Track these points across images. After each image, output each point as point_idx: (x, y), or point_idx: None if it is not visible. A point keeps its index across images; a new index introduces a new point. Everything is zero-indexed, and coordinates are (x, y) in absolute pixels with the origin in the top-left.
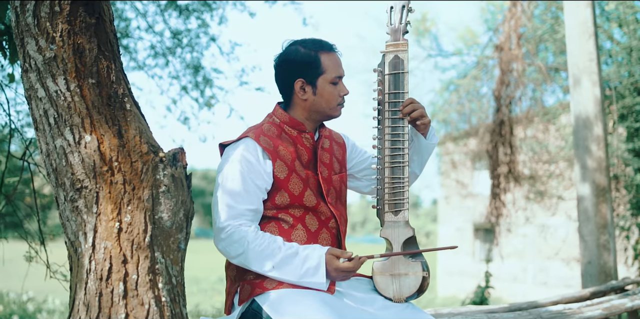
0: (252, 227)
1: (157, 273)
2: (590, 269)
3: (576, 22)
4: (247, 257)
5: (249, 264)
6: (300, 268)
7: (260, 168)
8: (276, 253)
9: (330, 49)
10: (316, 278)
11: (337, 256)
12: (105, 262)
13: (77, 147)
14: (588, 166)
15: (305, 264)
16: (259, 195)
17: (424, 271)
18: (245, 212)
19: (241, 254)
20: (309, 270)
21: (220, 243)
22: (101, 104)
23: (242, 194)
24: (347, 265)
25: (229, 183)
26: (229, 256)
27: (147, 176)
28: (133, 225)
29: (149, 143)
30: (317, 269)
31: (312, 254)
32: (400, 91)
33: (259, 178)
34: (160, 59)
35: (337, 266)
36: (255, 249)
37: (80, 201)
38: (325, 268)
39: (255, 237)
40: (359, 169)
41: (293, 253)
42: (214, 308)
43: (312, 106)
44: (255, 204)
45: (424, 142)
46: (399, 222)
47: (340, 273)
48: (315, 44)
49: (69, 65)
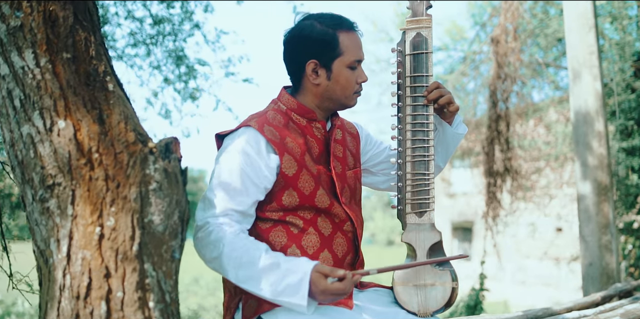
0: (234, 227)
1: (147, 289)
2: (592, 271)
3: (576, 14)
4: (221, 263)
5: (223, 272)
6: (279, 283)
7: (261, 163)
8: (255, 261)
9: (350, 28)
10: (296, 298)
11: (326, 275)
12: (83, 276)
13: (49, 136)
14: (589, 163)
15: (285, 280)
16: (254, 195)
17: (454, 281)
18: (230, 212)
19: (216, 258)
20: (288, 287)
21: (197, 243)
22: (78, 84)
23: (231, 192)
24: (338, 286)
25: (222, 178)
26: (204, 258)
27: (134, 171)
28: (117, 230)
29: (136, 131)
30: (298, 287)
31: (295, 268)
32: (423, 73)
33: (257, 175)
34: (141, 48)
35: (326, 288)
36: (231, 255)
37: (52, 201)
38: (311, 289)
39: (233, 240)
40: (375, 163)
41: (274, 264)
42: (189, 310)
43: (325, 93)
44: (244, 205)
45: (450, 132)
46: (423, 225)
47: (329, 296)
48: (334, 21)
49: (39, 36)
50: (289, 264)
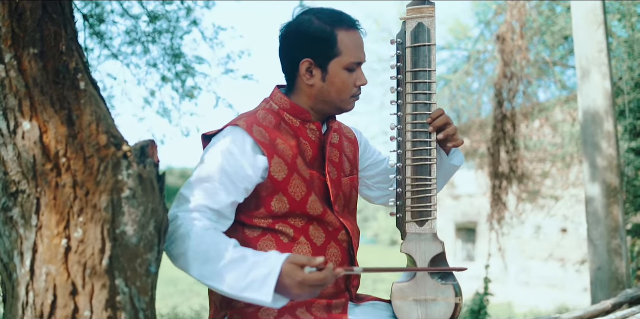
0: (204, 222)
1: (119, 307)
2: (601, 275)
3: (584, 10)
4: (187, 259)
5: (188, 268)
6: (243, 278)
7: (245, 162)
8: (221, 256)
9: (352, 26)
10: (260, 294)
11: (302, 265)
12: (47, 293)
13: (12, 138)
14: (598, 164)
15: (250, 274)
16: (232, 195)
17: (457, 297)
18: (203, 209)
19: (182, 254)
20: (254, 282)
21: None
22: (46, 82)
23: (209, 190)
24: (317, 276)
25: (201, 175)
26: (171, 256)
27: (105, 177)
28: (86, 243)
29: (110, 133)
30: (263, 282)
31: (263, 262)
32: (425, 68)
33: (238, 174)
34: (138, 46)
35: (304, 279)
36: (197, 249)
37: (15, 210)
38: (284, 282)
39: (202, 234)
40: (372, 174)
41: (240, 257)
42: (192, 310)
43: (319, 95)
44: (221, 204)
45: (446, 163)
46: (425, 234)
47: (307, 289)
48: (334, 18)
49: (4, 30)
50: (257, 258)
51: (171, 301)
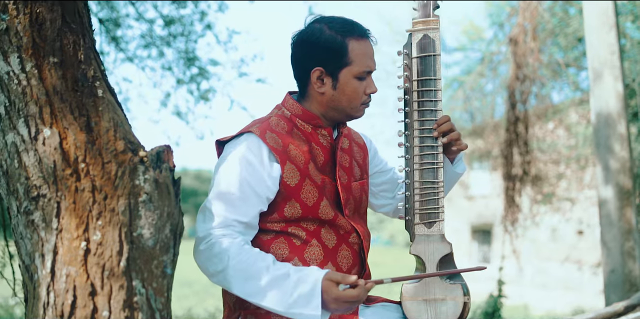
0: (238, 239)
1: (136, 307)
2: (614, 278)
3: (596, 12)
4: (226, 276)
5: (229, 285)
6: (290, 294)
7: (264, 172)
8: (262, 273)
9: (362, 35)
10: (309, 308)
11: (337, 282)
12: (67, 294)
13: (33, 144)
14: (610, 167)
15: (296, 290)
16: (257, 206)
17: (465, 296)
18: (233, 223)
19: (221, 271)
20: (300, 298)
21: (199, 256)
22: (65, 89)
23: (235, 203)
24: (351, 294)
25: (223, 187)
26: (207, 272)
27: (123, 182)
28: (104, 245)
29: (127, 139)
30: (310, 297)
31: (305, 277)
32: (431, 77)
33: (260, 185)
34: (153, 49)
35: (338, 296)
36: (237, 267)
37: (36, 214)
38: (323, 297)
39: (239, 251)
40: (378, 182)
41: (283, 274)
42: (206, 312)
43: (330, 102)
44: (249, 216)
45: (449, 170)
46: (433, 236)
47: (342, 305)
48: (345, 27)
49: (25, 39)
50: (299, 274)
51: (186, 302)
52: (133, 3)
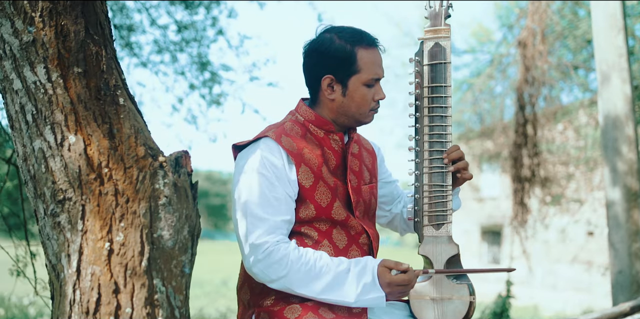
0: (292, 244)
1: (157, 304)
2: (622, 279)
3: (604, 15)
4: (290, 280)
5: (293, 288)
6: (356, 286)
7: (287, 173)
8: (325, 272)
9: (371, 44)
10: (374, 292)
11: (390, 268)
12: (92, 291)
13: (59, 150)
14: (618, 169)
15: (361, 281)
16: (291, 203)
17: (471, 296)
18: (280, 225)
19: (283, 276)
20: (365, 286)
21: (257, 265)
22: (88, 98)
23: (273, 204)
24: (402, 278)
25: (255, 192)
26: (268, 279)
27: (143, 186)
28: (127, 245)
29: (147, 145)
30: (373, 285)
31: (364, 269)
32: (442, 84)
33: (286, 184)
34: (166, 54)
35: (391, 280)
36: (300, 270)
37: (62, 216)
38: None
39: (299, 256)
40: (380, 194)
41: (345, 270)
42: (218, 312)
43: (340, 108)
44: (290, 213)
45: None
46: (441, 237)
47: (395, 288)
48: (354, 36)
49: (51, 51)
50: (358, 267)
51: (198, 302)
52: (147, 8)
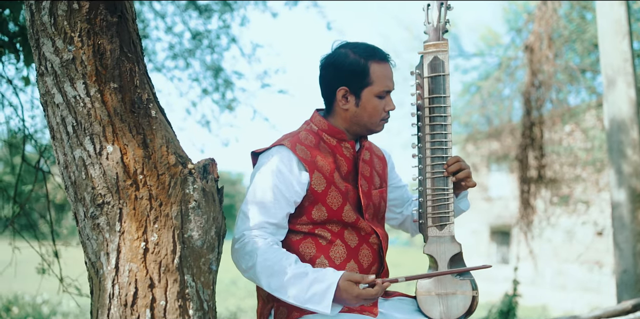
0: (268, 239)
1: (188, 298)
2: (626, 278)
3: (609, 20)
4: (255, 272)
5: (257, 280)
6: (305, 291)
7: (293, 179)
8: (285, 270)
9: (383, 59)
10: (320, 306)
11: (357, 282)
12: (130, 286)
13: (98, 159)
14: (623, 170)
15: (311, 288)
16: (285, 209)
17: (474, 290)
18: (264, 225)
19: (251, 267)
20: (314, 296)
21: (233, 254)
22: (124, 111)
23: (266, 206)
24: (369, 292)
25: (257, 194)
26: (240, 268)
27: (175, 191)
28: (160, 245)
29: (177, 154)
30: (323, 296)
31: (322, 277)
32: (441, 94)
33: (289, 190)
34: (180, 60)
35: (359, 294)
36: (263, 264)
37: (101, 218)
38: (341, 296)
39: (266, 250)
40: (390, 197)
41: (302, 273)
42: (228, 311)
43: (353, 118)
44: (277, 218)
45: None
46: (444, 237)
47: (362, 301)
48: (368, 52)
49: (89, 68)
50: (316, 274)
51: None
52: (162, 16)
